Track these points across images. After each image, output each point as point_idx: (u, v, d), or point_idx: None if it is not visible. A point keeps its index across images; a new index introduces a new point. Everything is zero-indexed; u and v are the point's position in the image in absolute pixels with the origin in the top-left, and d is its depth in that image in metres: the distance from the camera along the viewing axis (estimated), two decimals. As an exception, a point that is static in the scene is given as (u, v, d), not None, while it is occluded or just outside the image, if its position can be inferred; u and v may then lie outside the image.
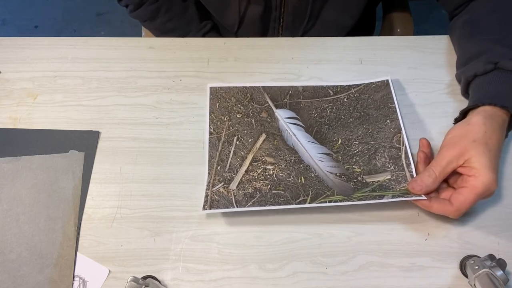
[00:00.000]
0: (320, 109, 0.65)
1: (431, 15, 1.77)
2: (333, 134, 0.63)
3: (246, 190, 0.58)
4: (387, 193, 0.56)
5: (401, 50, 0.71)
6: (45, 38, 0.73)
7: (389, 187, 0.57)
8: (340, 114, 0.64)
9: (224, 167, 0.60)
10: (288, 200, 0.57)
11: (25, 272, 0.54)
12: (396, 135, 0.61)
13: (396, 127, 0.62)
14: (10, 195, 0.59)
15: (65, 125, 0.64)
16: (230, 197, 0.57)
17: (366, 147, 0.61)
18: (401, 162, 0.59)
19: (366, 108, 0.64)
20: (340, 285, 0.53)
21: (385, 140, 0.61)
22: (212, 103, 0.65)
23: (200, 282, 0.53)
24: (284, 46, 0.72)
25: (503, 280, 0.47)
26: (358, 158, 0.60)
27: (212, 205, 0.57)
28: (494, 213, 0.57)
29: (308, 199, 0.57)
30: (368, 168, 0.59)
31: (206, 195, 0.57)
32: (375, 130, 0.62)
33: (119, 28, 1.83)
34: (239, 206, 0.56)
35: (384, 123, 0.63)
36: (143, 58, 0.71)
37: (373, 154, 0.60)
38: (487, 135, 0.54)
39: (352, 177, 0.59)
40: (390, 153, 0.60)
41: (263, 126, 0.64)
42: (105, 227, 0.57)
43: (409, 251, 0.55)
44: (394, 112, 0.64)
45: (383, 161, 0.60)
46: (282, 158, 0.61)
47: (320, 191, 0.57)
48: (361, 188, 0.57)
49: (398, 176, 0.58)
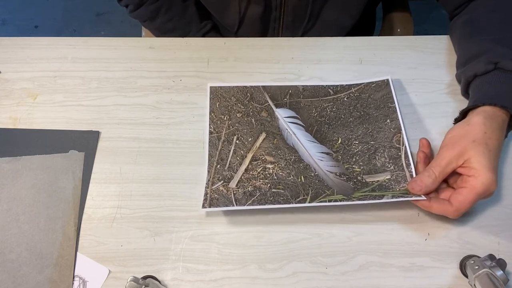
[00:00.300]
0: (320, 109, 0.65)
1: (431, 15, 1.77)
2: (333, 134, 0.63)
3: (246, 189, 0.58)
4: (386, 193, 0.56)
5: (401, 50, 0.71)
6: (45, 38, 0.73)
7: (389, 187, 0.57)
8: (340, 113, 0.64)
9: (223, 165, 0.60)
10: (288, 199, 0.57)
11: (25, 272, 0.54)
12: (396, 135, 0.61)
13: (396, 126, 0.62)
14: (10, 195, 0.59)
15: (65, 125, 0.64)
16: (230, 195, 0.57)
17: (366, 146, 0.61)
18: (400, 162, 0.59)
19: (366, 108, 0.64)
20: (340, 285, 0.53)
21: (385, 140, 0.61)
22: (212, 103, 0.65)
23: (200, 282, 0.53)
24: (284, 46, 0.72)
25: (503, 280, 0.47)
26: (358, 158, 0.60)
27: (212, 203, 0.56)
28: (494, 213, 0.57)
29: (308, 198, 0.57)
30: (368, 167, 0.59)
31: (206, 193, 0.57)
32: (375, 129, 0.62)
33: (119, 28, 1.83)
34: (239, 205, 0.56)
35: (384, 123, 0.63)
36: (143, 58, 0.71)
37: (373, 153, 0.60)
38: (487, 135, 0.54)
39: (352, 176, 0.59)
40: (390, 153, 0.60)
41: (263, 125, 0.64)
42: (105, 227, 0.57)
43: (409, 251, 0.55)
44: (394, 111, 0.64)
45: (383, 161, 0.60)
46: (282, 157, 0.61)
47: (320, 190, 0.58)
48: (361, 188, 0.57)
49: (398, 176, 0.58)
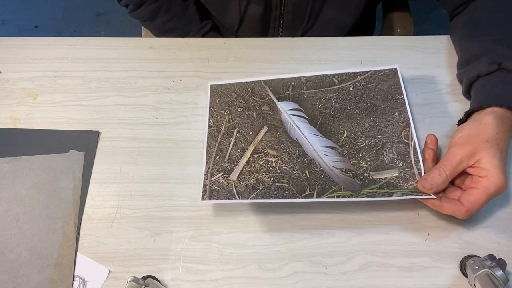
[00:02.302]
0: (325, 100, 0.62)
1: (431, 15, 1.77)
2: (339, 126, 0.60)
3: (248, 182, 0.55)
4: (395, 191, 0.54)
5: (401, 50, 0.71)
6: (45, 38, 0.73)
7: (397, 185, 0.55)
8: (345, 104, 0.62)
9: (223, 157, 0.58)
10: (294, 194, 0.54)
11: (25, 272, 0.54)
12: (405, 130, 0.59)
13: (404, 120, 0.59)
14: (10, 195, 0.59)
15: (65, 125, 0.64)
16: (231, 188, 0.55)
17: (373, 141, 0.58)
18: (409, 159, 0.56)
19: (373, 99, 0.61)
20: (340, 285, 0.53)
21: (393, 135, 0.58)
22: (212, 99, 0.65)
23: (200, 282, 0.53)
24: (284, 46, 0.72)
25: (503, 280, 0.47)
26: (364, 153, 0.58)
27: (212, 195, 0.54)
28: (494, 213, 0.57)
29: (314, 193, 0.54)
30: (375, 164, 0.57)
31: (205, 184, 0.55)
32: (382, 123, 0.60)
33: (119, 28, 1.82)
34: (242, 198, 0.54)
35: (392, 116, 0.60)
36: (143, 58, 0.71)
37: (381, 149, 0.58)
38: (499, 136, 0.53)
39: (359, 173, 0.56)
40: (398, 149, 0.57)
41: (265, 119, 0.62)
42: (105, 227, 0.57)
43: (409, 251, 0.55)
44: (402, 104, 0.61)
45: (391, 157, 0.57)
46: (285, 151, 0.58)
47: (326, 185, 0.55)
48: (368, 185, 0.55)
49: (406, 174, 0.55)
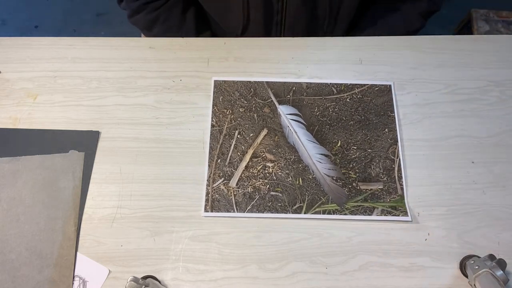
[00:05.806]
0: (323, 108, 0.65)
1: (431, 15, 1.76)
2: (333, 135, 0.63)
3: (246, 189, 0.59)
4: (377, 205, 0.58)
5: (401, 50, 0.71)
6: (45, 38, 0.73)
7: (380, 197, 0.59)
8: (342, 115, 0.65)
9: (224, 160, 0.61)
10: (285, 206, 0.58)
11: (25, 272, 0.54)
12: (392, 146, 0.63)
13: (393, 137, 0.63)
14: (10, 195, 0.59)
15: (65, 125, 0.64)
16: (230, 196, 0.58)
17: (363, 154, 0.62)
18: (393, 174, 0.61)
19: (367, 113, 0.65)
20: (340, 285, 0.53)
21: (381, 150, 0.62)
22: (215, 96, 0.66)
23: (200, 282, 0.53)
24: (284, 46, 0.72)
25: (503, 280, 0.47)
26: (355, 164, 0.61)
27: (214, 206, 0.58)
28: (494, 213, 0.57)
29: (304, 206, 0.58)
30: (363, 175, 0.61)
31: (207, 192, 0.58)
32: (373, 137, 0.63)
33: (119, 28, 1.82)
34: (239, 210, 0.58)
35: (382, 131, 0.64)
36: (143, 58, 0.71)
37: (369, 162, 0.62)
38: None
39: (348, 182, 0.60)
40: (385, 164, 0.61)
41: (265, 121, 0.64)
42: (105, 227, 0.57)
43: (409, 251, 0.55)
44: (393, 121, 0.64)
45: (377, 171, 0.61)
46: (282, 156, 0.62)
47: (315, 196, 0.59)
48: (354, 196, 0.59)
49: (390, 188, 0.60)
